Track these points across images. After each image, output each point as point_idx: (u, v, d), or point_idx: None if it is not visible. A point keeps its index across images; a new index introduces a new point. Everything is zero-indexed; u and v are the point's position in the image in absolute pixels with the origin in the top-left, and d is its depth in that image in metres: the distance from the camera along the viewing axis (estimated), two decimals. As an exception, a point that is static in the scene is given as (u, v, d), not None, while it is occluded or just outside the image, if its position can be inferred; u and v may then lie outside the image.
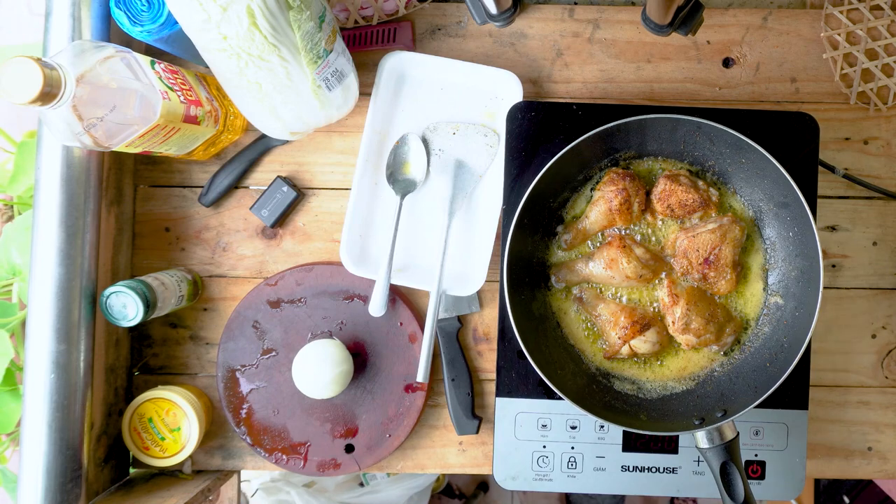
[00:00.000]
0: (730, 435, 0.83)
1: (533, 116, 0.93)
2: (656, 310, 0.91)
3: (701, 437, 0.83)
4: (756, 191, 0.90)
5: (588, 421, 0.93)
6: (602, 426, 0.93)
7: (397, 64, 0.99)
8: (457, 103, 1.00)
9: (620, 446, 0.93)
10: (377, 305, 0.95)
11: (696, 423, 0.84)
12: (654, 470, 0.93)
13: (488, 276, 0.99)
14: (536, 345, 0.86)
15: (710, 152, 0.89)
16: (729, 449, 0.82)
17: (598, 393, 0.89)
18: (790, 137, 0.90)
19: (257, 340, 0.98)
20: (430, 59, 0.98)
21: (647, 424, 0.85)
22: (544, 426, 0.94)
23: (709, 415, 0.85)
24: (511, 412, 0.94)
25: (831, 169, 0.98)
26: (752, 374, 0.88)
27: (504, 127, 0.95)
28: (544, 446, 0.94)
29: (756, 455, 0.94)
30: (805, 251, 0.86)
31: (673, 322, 0.89)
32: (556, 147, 0.88)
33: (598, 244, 0.92)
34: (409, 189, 0.98)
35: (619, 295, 0.92)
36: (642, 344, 0.89)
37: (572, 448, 0.94)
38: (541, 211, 0.90)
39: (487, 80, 0.99)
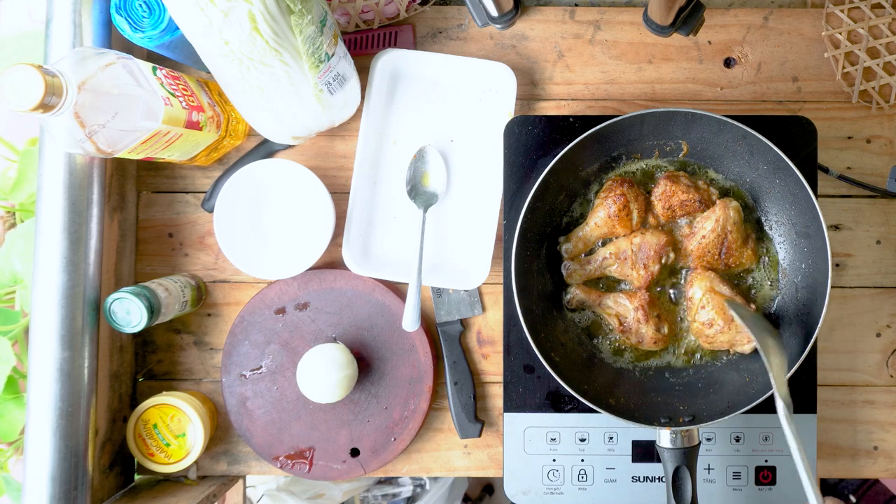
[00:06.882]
0: (694, 441, 0.84)
1: (530, 131, 0.93)
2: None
3: (665, 436, 0.84)
4: (782, 216, 0.90)
5: (597, 433, 0.93)
6: (611, 437, 0.93)
7: (389, 62, 0.98)
8: (451, 98, 1.00)
9: (630, 457, 0.93)
10: (410, 320, 0.94)
11: (663, 421, 0.85)
12: (664, 480, 0.93)
13: (488, 279, 0.99)
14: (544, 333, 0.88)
15: (748, 166, 0.89)
16: (688, 454, 0.83)
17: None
18: (789, 141, 0.89)
19: (261, 345, 0.98)
20: (421, 55, 0.98)
21: (616, 409, 0.85)
22: (553, 440, 0.94)
23: (676, 417, 0.86)
24: (519, 427, 0.93)
25: (826, 171, 0.98)
26: (731, 388, 0.88)
27: (501, 124, 0.95)
28: (554, 460, 0.93)
29: (766, 461, 0.93)
30: (813, 285, 0.86)
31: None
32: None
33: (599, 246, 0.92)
34: (430, 202, 0.98)
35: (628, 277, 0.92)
36: (654, 332, 0.89)
37: (582, 461, 0.93)
38: (543, 221, 0.91)
39: (481, 74, 0.98)
